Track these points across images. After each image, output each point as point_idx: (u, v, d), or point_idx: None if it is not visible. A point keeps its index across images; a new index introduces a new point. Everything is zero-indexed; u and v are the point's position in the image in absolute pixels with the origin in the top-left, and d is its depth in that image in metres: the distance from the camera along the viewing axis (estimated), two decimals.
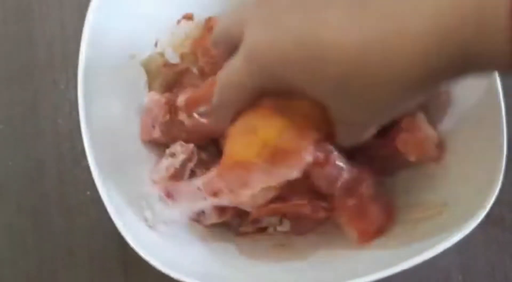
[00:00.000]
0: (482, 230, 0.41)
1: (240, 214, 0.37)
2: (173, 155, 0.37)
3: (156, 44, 0.40)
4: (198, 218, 0.36)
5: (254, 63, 0.30)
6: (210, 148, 0.39)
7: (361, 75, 0.27)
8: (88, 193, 0.42)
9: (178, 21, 0.40)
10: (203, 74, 0.40)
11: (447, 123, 0.38)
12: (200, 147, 0.38)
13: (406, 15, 0.26)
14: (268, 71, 0.30)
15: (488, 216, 0.32)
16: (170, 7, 0.39)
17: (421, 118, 0.37)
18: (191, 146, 0.37)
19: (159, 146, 0.39)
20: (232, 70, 0.32)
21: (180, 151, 0.37)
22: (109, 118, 0.36)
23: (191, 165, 0.37)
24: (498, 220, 0.43)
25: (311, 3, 0.29)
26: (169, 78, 0.41)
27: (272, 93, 0.32)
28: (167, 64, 0.40)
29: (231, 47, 0.32)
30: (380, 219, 0.36)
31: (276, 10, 0.30)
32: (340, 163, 0.34)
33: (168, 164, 0.37)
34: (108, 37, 0.36)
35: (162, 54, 0.40)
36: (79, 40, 0.35)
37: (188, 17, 0.40)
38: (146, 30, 0.39)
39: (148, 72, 0.40)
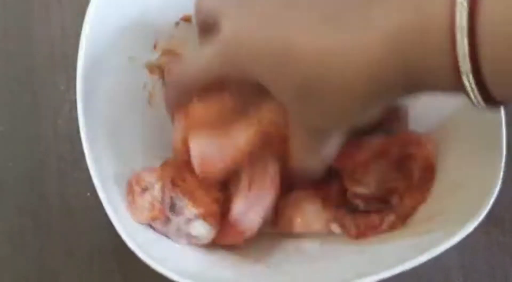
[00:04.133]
0: (483, 231, 0.41)
1: None
2: (146, 188, 0.35)
3: (155, 46, 0.40)
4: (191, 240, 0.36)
5: (227, 53, 0.31)
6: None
7: (320, 80, 0.29)
8: (88, 194, 0.42)
9: (177, 23, 0.40)
10: None
11: (447, 124, 0.38)
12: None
13: (359, 28, 0.28)
14: (239, 63, 0.31)
15: (488, 216, 0.32)
16: (169, 8, 0.39)
17: None
18: (158, 169, 0.37)
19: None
20: (204, 55, 0.33)
21: (152, 180, 0.36)
22: (108, 119, 0.36)
23: (168, 191, 0.36)
24: (499, 221, 0.43)
25: (292, 2, 0.30)
26: None
27: (235, 82, 0.33)
28: None
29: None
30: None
31: (254, 4, 0.31)
32: None
33: (149, 199, 0.35)
34: (107, 38, 0.36)
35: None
36: (79, 41, 0.35)
37: (187, 19, 0.40)
38: (145, 32, 0.39)
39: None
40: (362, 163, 0.37)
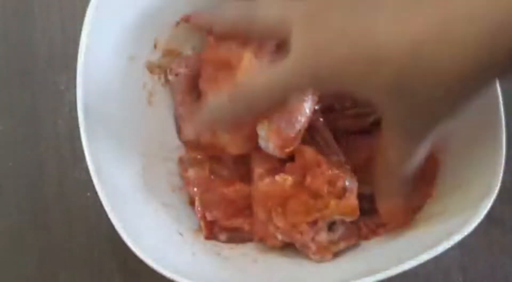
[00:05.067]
0: (483, 231, 0.41)
1: None
2: None
3: (155, 46, 0.40)
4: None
5: (308, 65, 0.30)
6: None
7: (415, 72, 0.27)
8: (88, 194, 0.42)
9: (177, 23, 0.40)
10: None
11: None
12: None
13: (461, 3, 0.26)
14: (321, 73, 0.30)
15: (488, 217, 0.32)
16: (169, 8, 0.39)
17: None
18: None
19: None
20: (281, 70, 0.31)
21: None
22: (108, 119, 0.36)
23: None
24: (499, 221, 0.43)
25: (360, 3, 0.29)
26: None
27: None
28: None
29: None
30: None
31: (325, 11, 0.30)
32: None
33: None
34: (107, 38, 0.36)
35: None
36: (79, 41, 0.35)
37: (187, 19, 0.40)
38: (145, 31, 0.39)
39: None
40: (363, 162, 0.37)
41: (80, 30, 0.35)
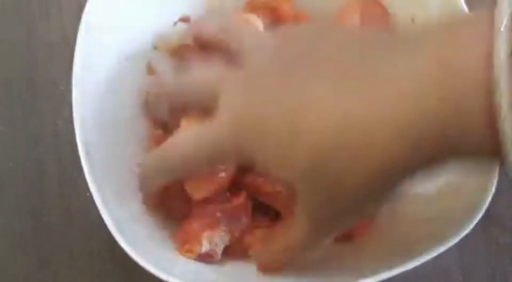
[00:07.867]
0: (483, 231, 0.41)
1: None
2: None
3: (154, 47, 0.40)
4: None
5: (229, 133, 0.29)
6: None
7: (337, 158, 0.26)
8: (88, 194, 0.42)
9: (175, 23, 0.40)
10: None
11: None
12: None
13: (388, 98, 0.25)
14: (240, 145, 0.29)
15: (488, 217, 0.32)
16: (167, 9, 0.39)
17: None
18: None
19: None
20: (212, 132, 0.30)
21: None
22: (104, 120, 0.36)
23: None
24: (498, 221, 0.43)
25: (293, 70, 0.28)
26: None
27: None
28: None
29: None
30: None
31: (256, 75, 0.29)
32: None
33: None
34: (104, 39, 0.36)
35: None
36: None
37: (185, 19, 0.40)
38: (142, 32, 0.39)
39: None
40: None
41: None
